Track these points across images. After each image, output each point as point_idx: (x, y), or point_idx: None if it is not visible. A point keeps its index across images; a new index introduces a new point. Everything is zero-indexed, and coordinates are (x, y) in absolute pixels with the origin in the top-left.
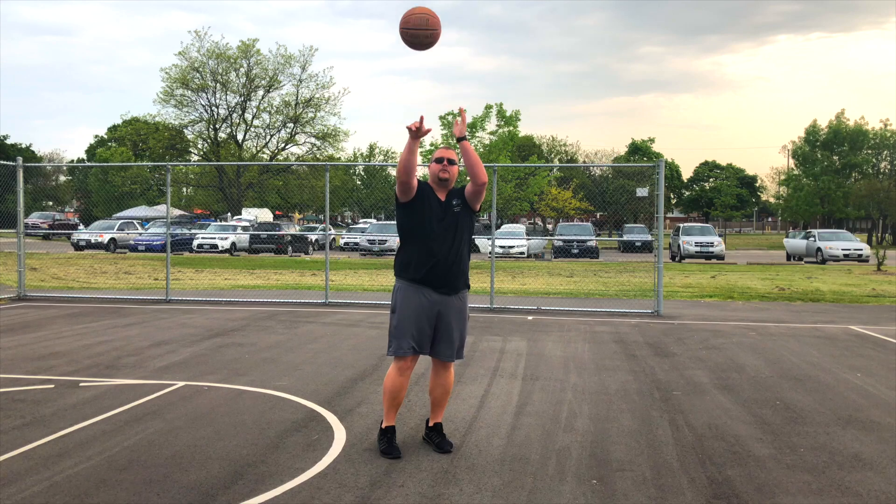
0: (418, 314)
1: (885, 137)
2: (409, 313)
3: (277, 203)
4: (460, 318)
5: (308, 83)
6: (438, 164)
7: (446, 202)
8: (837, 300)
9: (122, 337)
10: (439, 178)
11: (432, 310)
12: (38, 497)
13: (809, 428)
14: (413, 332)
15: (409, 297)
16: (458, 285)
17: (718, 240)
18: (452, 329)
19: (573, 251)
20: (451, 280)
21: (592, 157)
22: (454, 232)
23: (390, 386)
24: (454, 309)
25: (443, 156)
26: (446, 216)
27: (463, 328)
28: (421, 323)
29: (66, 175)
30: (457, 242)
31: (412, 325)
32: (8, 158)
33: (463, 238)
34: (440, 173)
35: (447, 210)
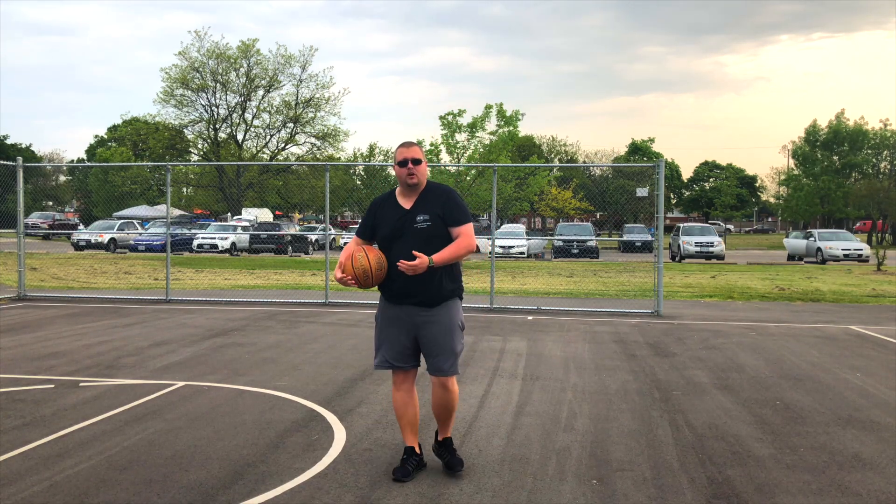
0: (391, 326)
1: (885, 137)
2: (382, 325)
3: (277, 203)
4: (446, 330)
5: (308, 83)
6: (403, 167)
7: (410, 213)
8: (837, 300)
9: (122, 337)
10: (407, 183)
11: (410, 322)
12: (38, 497)
13: (809, 428)
14: (386, 344)
15: (384, 309)
16: (436, 297)
17: (718, 240)
18: (437, 343)
19: (573, 251)
20: (425, 292)
21: (592, 157)
22: (420, 242)
23: (394, 403)
24: (436, 322)
25: (406, 156)
26: (406, 230)
27: (450, 342)
28: (395, 335)
29: (66, 175)
30: (425, 252)
31: (385, 338)
32: (8, 158)
33: (436, 248)
34: (407, 178)
35: (408, 222)
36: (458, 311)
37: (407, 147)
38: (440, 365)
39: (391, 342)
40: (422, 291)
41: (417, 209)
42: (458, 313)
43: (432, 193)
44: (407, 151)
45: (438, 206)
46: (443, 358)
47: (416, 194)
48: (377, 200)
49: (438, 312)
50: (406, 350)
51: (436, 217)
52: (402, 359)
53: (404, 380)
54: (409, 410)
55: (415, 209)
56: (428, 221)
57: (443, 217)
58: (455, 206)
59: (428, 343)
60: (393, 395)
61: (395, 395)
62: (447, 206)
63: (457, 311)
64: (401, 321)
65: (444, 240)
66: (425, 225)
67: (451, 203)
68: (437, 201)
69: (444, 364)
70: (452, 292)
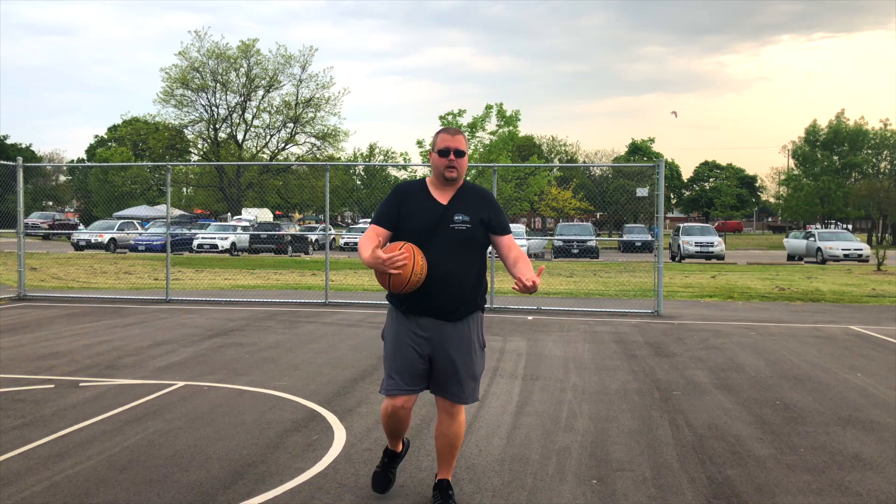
0: (407, 344)
1: (885, 137)
2: (397, 343)
3: (277, 203)
4: (466, 349)
5: (308, 83)
6: (443, 157)
7: (447, 209)
8: (837, 300)
9: (122, 337)
10: (445, 176)
11: (425, 339)
12: (38, 497)
13: (809, 428)
14: (402, 366)
15: (397, 323)
16: (460, 310)
17: (718, 240)
18: (454, 363)
19: (573, 251)
20: (449, 303)
21: (592, 157)
22: (455, 244)
23: (386, 420)
24: (456, 339)
25: (448, 145)
26: (441, 226)
27: (471, 363)
28: (412, 355)
29: (66, 175)
30: (458, 256)
31: (400, 358)
32: (8, 158)
33: (469, 252)
34: (446, 171)
35: (444, 219)
36: (480, 325)
37: (451, 135)
38: (458, 389)
39: (407, 362)
40: (445, 304)
41: (455, 207)
42: (480, 329)
43: (471, 193)
44: (451, 140)
45: (480, 208)
46: (462, 381)
47: (454, 190)
48: (404, 187)
49: (461, 327)
50: (423, 372)
51: (476, 220)
52: (417, 382)
53: (403, 405)
54: (403, 426)
55: (452, 206)
56: (467, 223)
57: (486, 223)
58: (501, 213)
59: (444, 363)
60: (385, 413)
61: (389, 418)
62: (493, 212)
63: (479, 325)
64: (418, 337)
65: (479, 246)
66: (464, 227)
67: (496, 209)
68: (478, 203)
69: (466, 388)
70: (476, 304)
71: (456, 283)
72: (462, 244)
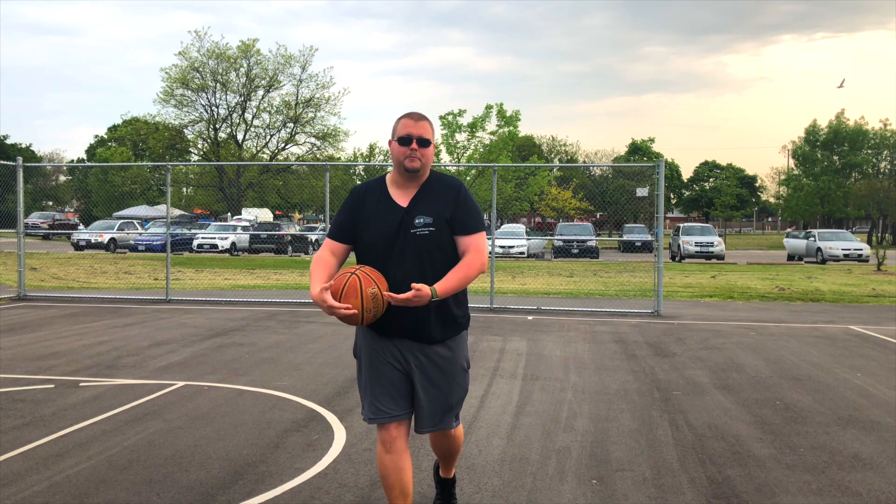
0: (381, 363)
1: (885, 137)
2: (369, 363)
3: (277, 203)
4: (447, 372)
5: (308, 83)
6: (404, 146)
7: (407, 212)
8: (837, 300)
9: (122, 337)
10: (405, 167)
11: (402, 358)
12: (38, 497)
13: (809, 428)
14: (377, 387)
15: (370, 342)
16: (436, 331)
17: (718, 240)
18: (434, 388)
19: (573, 251)
20: (423, 327)
21: (592, 157)
22: (419, 253)
23: (381, 469)
24: (436, 361)
25: (410, 132)
26: (401, 234)
27: (451, 387)
28: (387, 374)
29: (66, 175)
30: (425, 268)
31: (374, 379)
32: (8, 158)
33: (439, 262)
34: (407, 161)
35: (404, 225)
36: (465, 347)
37: (414, 121)
38: (436, 419)
39: (383, 383)
40: (421, 324)
41: (417, 208)
42: (465, 351)
43: (437, 187)
44: (413, 126)
45: (445, 204)
46: (436, 411)
47: (416, 186)
48: (359, 190)
49: (440, 351)
50: (401, 391)
51: (441, 220)
52: (399, 402)
53: (397, 435)
54: (404, 477)
55: (413, 207)
56: (430, 227)
57: (450, 221)
58: (466, 208)
59: (421, 390)
60: (380, 459)
61: (384, 459)
62: (457, 206)
63: (463, 348)
64: (392, 355)
65: (448, 253)
66: (426, 231)
67: (461, 202)
68: (444, 198)
69: (444, 418)
70: (458, 325)
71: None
72: (429, 253)
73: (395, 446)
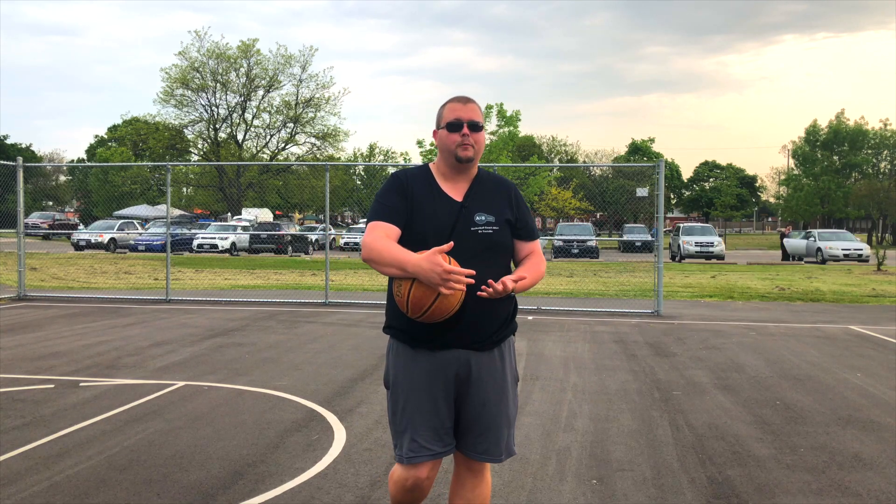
0: (425, 390)
1: (885, 137)
2: (412, 391)
3: (277, 203)
4: (500, 387)
5: (308, 83)
6: (454, 132)
7: (464, 207)
8: (837, 300)
9: (122, 337)
10: (457, 157)
11: (445, 379)
12: (38, 497)
13: (809, 428)
14: (420, 421)
15: (408, 363)
16: (491, 334)
17: (718, 240)
18: (486, 407)
19: (573, 251)
20: (478, 330)
21: (592, 157)
22: (478, 252)
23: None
24: (488, 374)
25: (460, 116)
26: (458, 229)
27: (507, 404)
28: (431, 404)
29: (66, 175)
30: (483, 268)
31: (417, 411)
32: (8, 158)
33: (497, 262)
34: (459, 150)
35: (462, 220)
36: (514, 353)
37: (462, 103)
38: (492, 444)
39: (426, 415)
40: (481, 328)
41: (475, 204)
42: (514, 358)
43: (491, 185)
44: (463, 109)
45: (505, 205)
46: (498, 430)
47: (468, 180)
48: (407, 175)
49: (493, 359)
50: (448, 423)
51: (502, 221)
52: (444, 438)
53: (428, 476)
54: (422, 497)
55: (471, 203)
56: (493, 225)
57: (513, 223)
58: (527, 211)
59: (475, 409)
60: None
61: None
62: (520, 209)
63: (512, 354)
64: (436, 377)
65: (507, 254)
66: (489, 230)
67: (522, 205)
68: (502, 198)
69: (501, 439)
70: (512, 328)
71: (487, 303)
72: (488, 252)
73: (424, 485)
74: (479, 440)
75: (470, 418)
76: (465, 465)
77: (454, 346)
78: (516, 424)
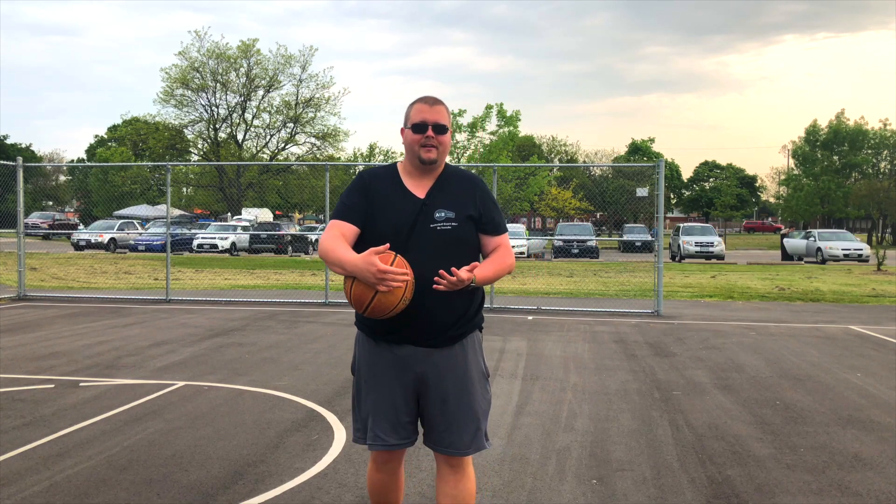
0: (385, 383)
1: (885, 137)
2: (372, 382)
3: (277, 203)
4: (463, 384)
5: (308, 83)
6: (419, 133)
7: (426, 204)
8: (837, 300)
9: (122, 337)
10: (420, 158)
11: (410, 373)
12: (38, 497)
13: (809, 428)
14: (380, 412)
15: (370, 354)
16: (452, 333)
17: (718, 240)
18: (448, 403)
19: (573, 251)
20: (435, 326)
21: (592, 157)
22: (438, 248)
23: (370, 487)
24: (450, 371)
25: (426, 118)
26: (419, 226)
27: (470, 400)
28: (390, 396)
29: (66, 175)
30: (443, 264)
31: (377, 402)
32: (8, 158)
33: (457, 258)
34: (423, 152)
35: (422, 217)
36: (480, 349)
37: (429, 105)
38: (457, 438)
39: (384, 408)
40: (436, 324)
41: (436, 200)
42: (480, 353)
43: (455, 181)
44: (429, 111)
45: (468, 201)
46: (461, 427)
47: (433, 178)
48: (371, 174)
49: (453, 355)
50: (405, 418)
51: (463, 217)
52: (399, 432)
53: (390, 458)
54: (392, 497)
55: (432, 199)
56: (452, 221)
57: (477, 219)
58: (494, 206)
59: (437, 405)
60: (370, 477)
61: (375, 478)
62: (485, 205)
63: (478, 350)
64: (397, 372)
65: (470, 248)
66: (448, 226)
67: (488, 201)
68: (466, 194)
69: (464, 436)
70: (474, 323)
71: (443, 299)
72: (448, 248)
73: (388, 467)
74: (443, 435)
75: (433, 414)
76: (443, 461)
77: (413, 342)
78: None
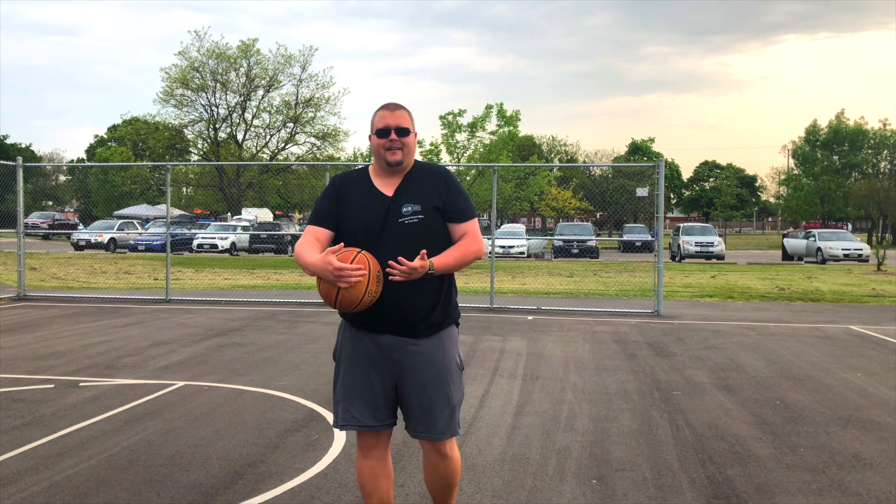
0: (361, 368)
1: (885, 137)
2: (348, 367)
3: (277, 203)
4: (437, 372)
5: (308, 83)
6: (382, 138)
7: (394, 202)
8: (837, 300)
9: (122, 337)
10: (387, 161)
11: (388, 361)
12: (38, 497)
13: (809, 428)
14: (353, 394)
15: (350, 342)
16: (422, 324)
17: (718, 240)
18: (425, 391)
19: (573, 251)
20: (409, 318)
21: (592, 157)
22: (407, 242)
23: (358, 477)
24: (425, 362)
25: (388, 123)
26: (388, 223)
27: (446, 388)
28: (365, 380)
29: (66, 175)
30: (415, 254)
31: (351, 385)
32: (8, 158)
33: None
34: (388, 155)
35: (391, 213)
36: (456, 343)
37: (390, 110)
38: (432, 424)
39: (360, 391)
40: (409, 314)
41: (403, 197)
42: (456, 347)
43: (422, 176)
44: (391, 116)
45: (433, 193)
46: (436, 413)
47: (400, 177)
48: (342, 179)
49: (430, 346)
50: (382, 402)
51: (430, 209)
52: (375, 415)
53: (375, 444)
54: (382, 484)
55: (399, 196)
56: (419, 214)
57: (442, 209)
58: (458, 194)
59: (414, 392)
60: (358, 466)
61: (362, 466)
62: (448, 194)
63: (454, 343)
64: (375, 359)
65: (440, 240)
66: (415, 219)
67: (452, 190)
68: (431, 187)
69: (438, 422)
70: (448, 317)
71: (414, 292)
72: (417, 241)
73: (374, 453)
74: (419, 421)
75: (410, 400)
76: (426, 447)
77: (392, 332)
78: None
